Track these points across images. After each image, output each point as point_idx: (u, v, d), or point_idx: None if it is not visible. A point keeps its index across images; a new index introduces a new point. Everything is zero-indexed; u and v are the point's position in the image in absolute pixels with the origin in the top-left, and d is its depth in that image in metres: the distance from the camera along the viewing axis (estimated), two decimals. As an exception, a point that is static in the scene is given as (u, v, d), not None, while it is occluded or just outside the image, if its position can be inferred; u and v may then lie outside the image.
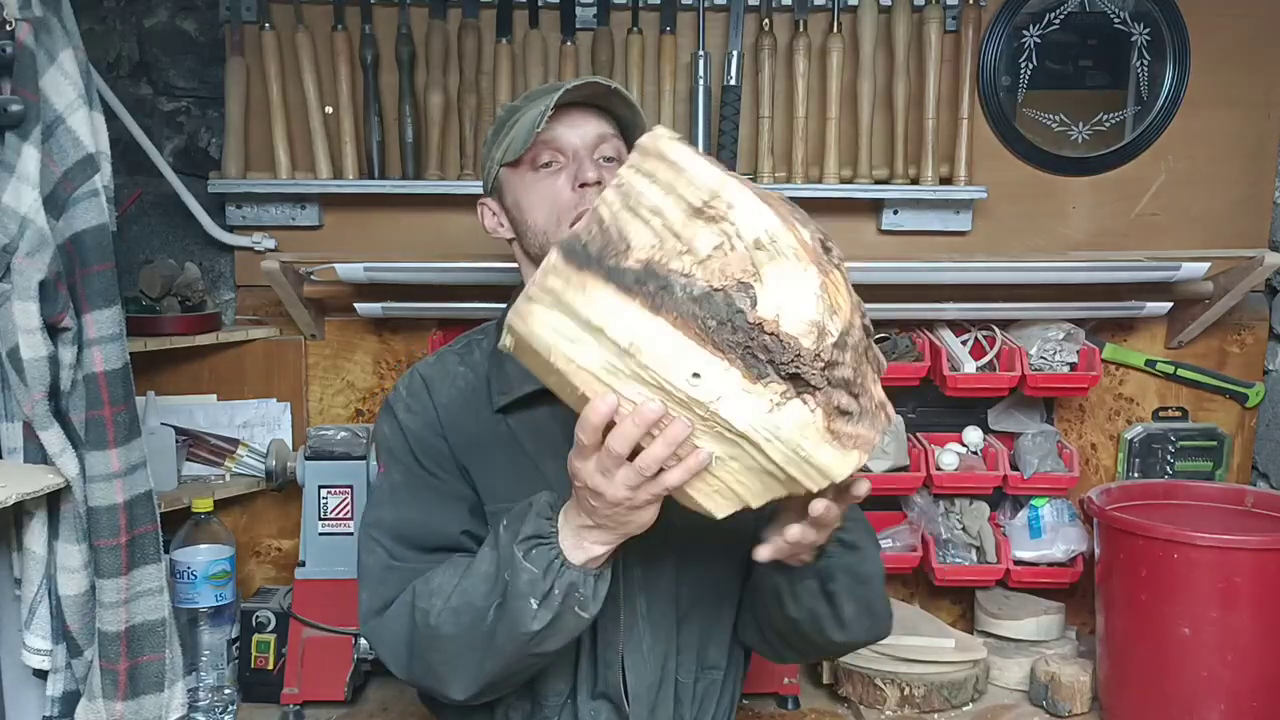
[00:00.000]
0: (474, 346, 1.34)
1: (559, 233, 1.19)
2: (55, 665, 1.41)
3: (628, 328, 0.88)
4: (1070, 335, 1.95)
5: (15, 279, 1.30)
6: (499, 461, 1.25)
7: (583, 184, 1.21)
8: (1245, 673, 1.62)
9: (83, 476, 1.37)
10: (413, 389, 1.31)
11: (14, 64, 1.28)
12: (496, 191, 1.30)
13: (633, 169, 0.90)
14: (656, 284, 0.87)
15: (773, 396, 0.87)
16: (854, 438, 0.90)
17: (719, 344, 0.87)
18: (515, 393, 1.24)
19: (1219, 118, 2.00)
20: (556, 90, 1.21)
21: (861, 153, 1.96)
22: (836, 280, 0.89)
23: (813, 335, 0.87)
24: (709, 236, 0.88)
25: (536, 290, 0.91)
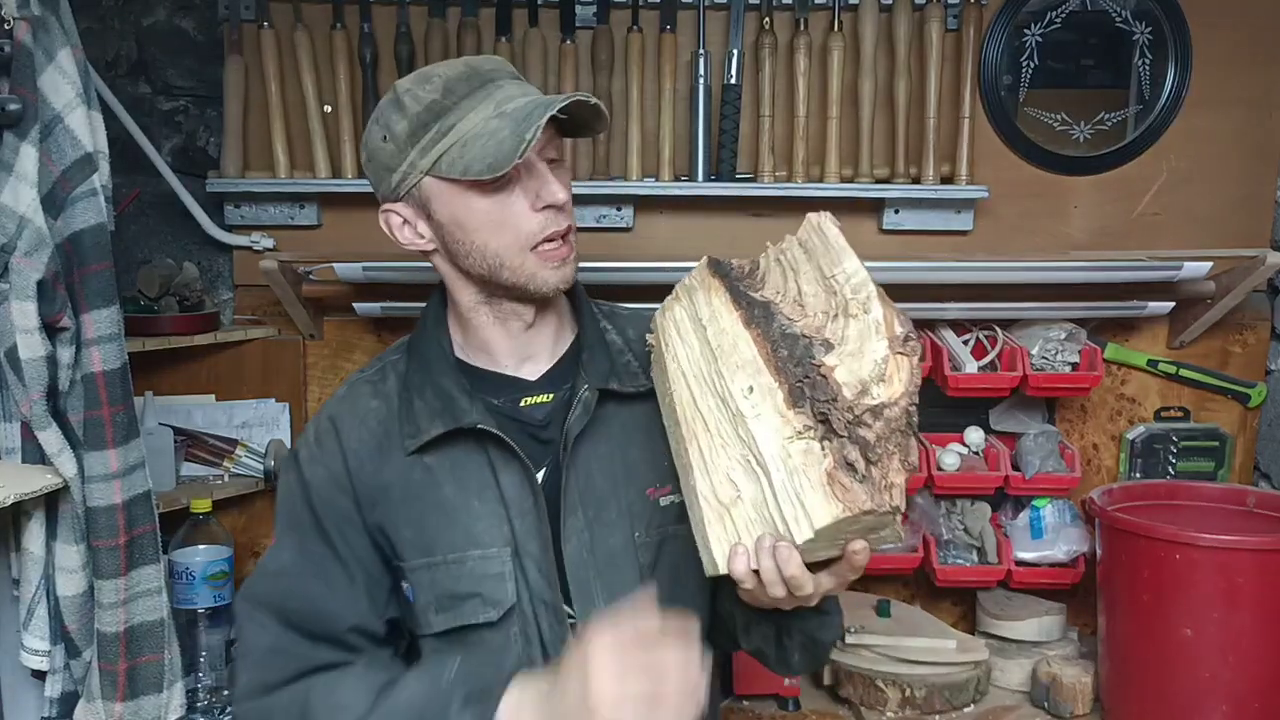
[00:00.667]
0: (388, 371, 1.20)
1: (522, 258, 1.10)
2: (54, 666, 1.41)
3: (723, 330, 1.01)
4: (1072, 335, 1.95)
5: (13, 278, 1.30)
6: (417, 510, 1.14)
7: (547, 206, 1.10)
8: (1247, 673, 1.61)
9: (81, 477, 1.37)
10: (320, 433, 1.18)
11: (12, 63, 1.28)
12: (413, 200, 1.12)
13: (796, 239, 1.06)
14: (762, 312, 1.01)
15: (798, 425, 0.95)
16: (847, 492, 0.92)
17: (780, 370, 0.97)
18: (424, 435, 1.13)
19: (1221, 117, 2.00)
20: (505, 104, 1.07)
21: (863, 152, 1.96)
22: (902, 364, 0.96)
23: (855, 389, 0.95)
24: (824, 302, 1.00)
25: (680, 288, 1.08)
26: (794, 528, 0.93)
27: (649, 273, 1.84)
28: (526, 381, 1.18)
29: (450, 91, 1.08)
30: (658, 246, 2.01)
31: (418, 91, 1.08)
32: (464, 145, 1.06)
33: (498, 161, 1.03)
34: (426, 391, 1.14)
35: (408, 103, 1.08)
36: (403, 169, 1.10)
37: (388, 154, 1.10)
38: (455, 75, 1.09)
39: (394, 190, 1.12)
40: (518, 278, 1.11)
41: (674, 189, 1.94)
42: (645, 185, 1.94)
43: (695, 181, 1.95)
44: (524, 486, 1.13)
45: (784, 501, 0.94)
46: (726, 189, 1.94)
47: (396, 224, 1.15)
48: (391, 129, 1.09)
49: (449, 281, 1.17)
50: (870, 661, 1.83)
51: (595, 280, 1.86)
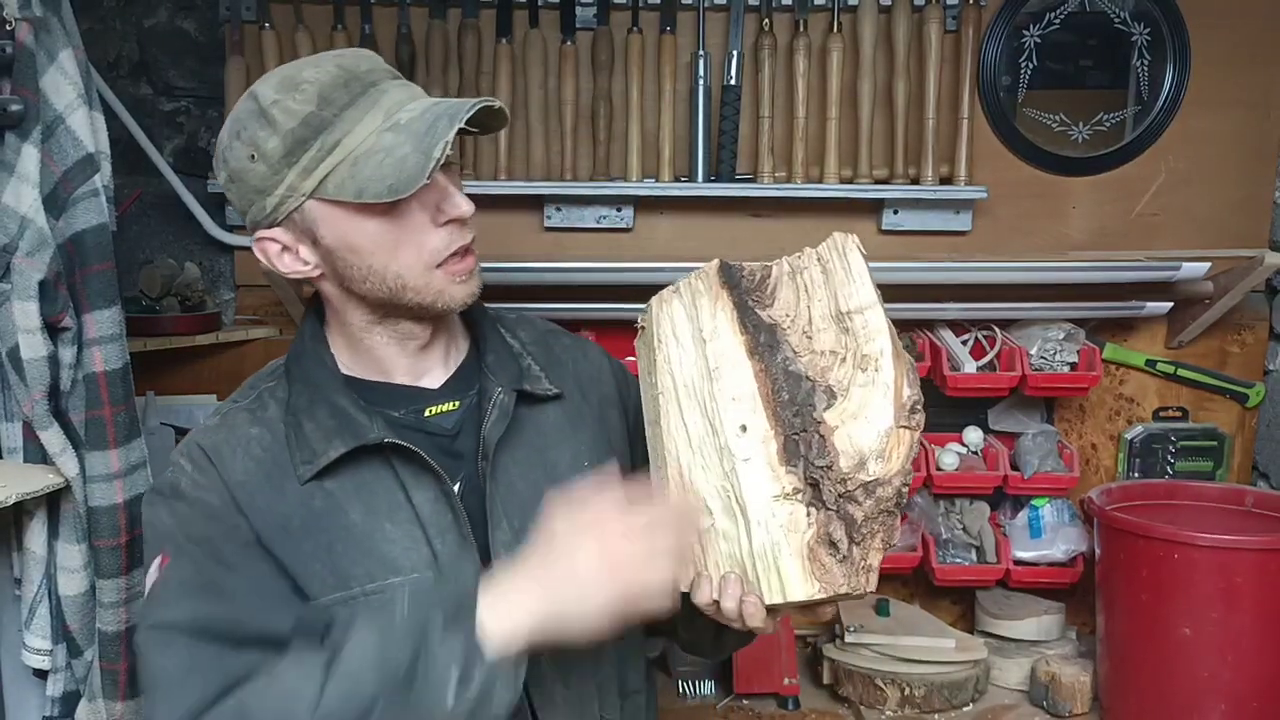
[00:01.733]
0: (266, 399, 1.07)
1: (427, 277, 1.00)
2: (55, 665, 1.41)
3: (723, 352, 0.95)
4: (1070, 335, 1.95)
5: (15, 279, 1.30)
6: (324, 541, 1.00)
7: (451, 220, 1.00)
8: (1246, 673, 1.62)
9: (83, 476, 1.37)
10: (196, 462, 1.02)
11: (14, 64, 1.28)
12: (294, 224, 1.00)
13: (817, 255, 0.97)
14: (768, 338, 0.95)
15: (786, 486, 0.92)
16: (826, 572, 0.91)
17: (778, 416, 0.92)
18: (322, 459, 1.00)
19: (1219, 118, 2.00)
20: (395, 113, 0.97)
21: (862, 153, 1.96)
22: (904, 438, 0.93)
23: (854, 460, 0.91)
24: (833, 340, 0.95)
25: (685, 284, 0.99)
26: (765, 587, 0.92)
27: (649, 273, 1.84)
28: (428, 390, 1.09)
29: (327, 101, 0.95)
30: (658, 247, 2.01)
31: (287, 103, 0.95)
32: (354, 164, 0.95)
33: (400, 183, 0.93)
34: (318, 411, 1.02)
35: (278, 116, 0.95)
36: (279, 192, 0.97)
37: (258, 176, 0.97)
38: (329, 81, 0.96)
39: (269, 215, 0.99)
40: (423, 298, 1.01)
41: (674, 189, 1.95)
42: (645, 186, 1.95)
43: (695, 182, 1.95)
44: (440, 502, 1.02)
45: (760, 558, 0.92)
46: (726, 189, 1.94)
47: (275, 252, 1.02)
48: (260, 147, 0.96)
49: (335, 304, 1.06)
50: (870, 660, 1.84)
51: (595, 280, 1.87)
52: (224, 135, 1.00)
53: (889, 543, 0.93)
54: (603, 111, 1.95)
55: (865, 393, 0.92)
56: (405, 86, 1.00)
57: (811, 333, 0.95)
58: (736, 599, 0.93)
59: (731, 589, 0.94)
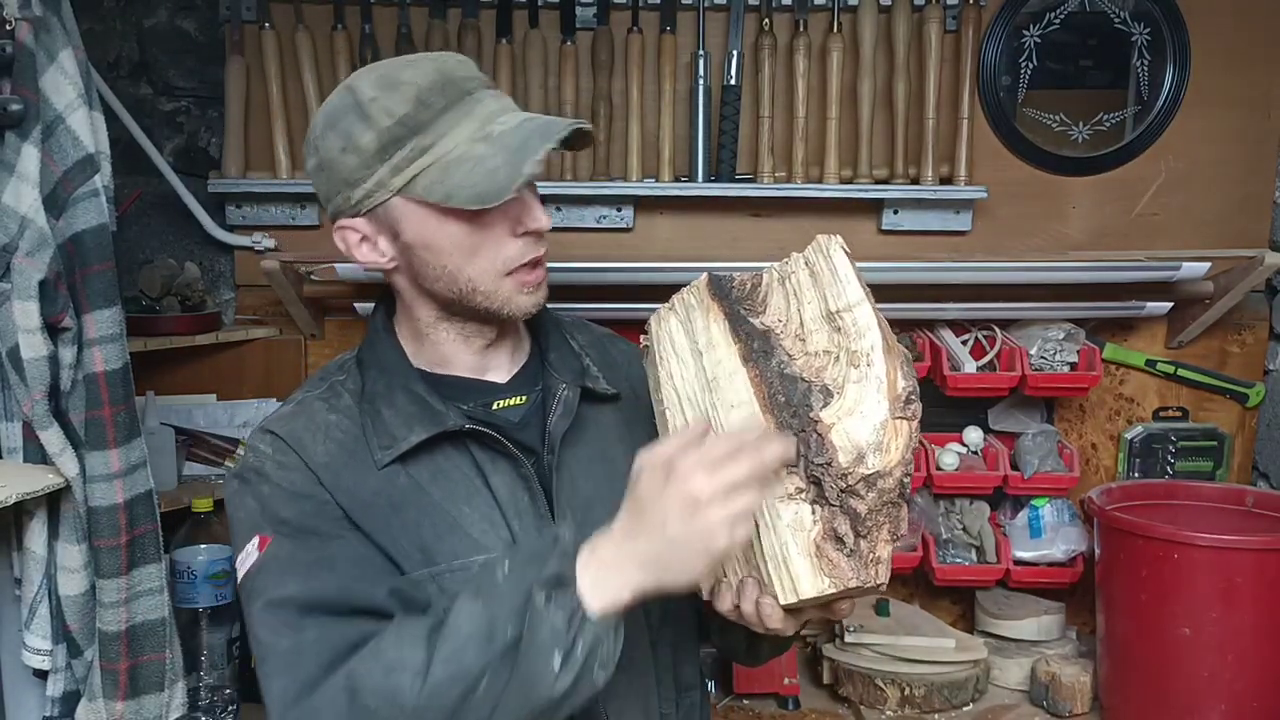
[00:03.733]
0: (339, 390, 1.10)
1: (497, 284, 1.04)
2: (55, 665, 1.41)
3: (719, 361, 0.97)
4: (1070, 335, 1.95)
5: (15, 279, 1.30)
6: (411, 518, 1.04)
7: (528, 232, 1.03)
8: (1246, 673, 1.62)
9: (83, 476, 1.37)
10: (276, 448, 1.05)
11: (14, 63, 1.28)
12: (377, 218, 1.03)
13: (804, 258, 1.00)
14: (761, 345, 0.97)
15: (789, 487, 0.93)
16: (834, 567, 0.92)
17: (777, 419, 0.94)
18: (403, 443, 1.04)
19: (1219, 117, 2.00)
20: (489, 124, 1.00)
21: (862, 153, 1.96)
22: (901, 429, 0.94)
23: (851, 455, 0.92)
24: (826, 340, 0.96)
25: (678, 300, 1.03)
26: (778, 587, 0.94)
27: (649, 273, 1.85)
28: (496, 385, 1.12)
29: (424, 104, 0.98)
30: (658, 247, 2.02)
31: (386, 101, 0.98)
32: (445, 168, 0.98)
33: (488, 193, 0.96)
34: (396, 399, 1.07)
35: (375, 113, 0.98)
36: (367, 186, 1.01)
37: (349, 167, 1.01)
38: (427, 84, 0.99)
39: (354, 205, 1.03)
40: (491, 303, 1.05)
41: (674, 189, 1.95)
42: (645, 186, 1.95)
43: (695, 182, 1.95)
44: (517, 485, 1.07)
45: (769, 559, 0.94)
46: (726, 189, 1.94)
47: (354, 241, 1.06)
48: (354, 140, 0.99)
49: (406, 298, 1.10)
50: (870, 660, 1.84)
51: (595, 280, 1.87)
52: (317, 124, 1.03)
53: (896, 534, 0.95)
54: (603, 111, 1.95)
55: (859, 389, 0.93)
56: (498, 97, 1.04)
57: (804, 335, 0.97)
58: (753, 601, 0.95)
59: (749, 592, 0.96)
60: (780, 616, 0.95)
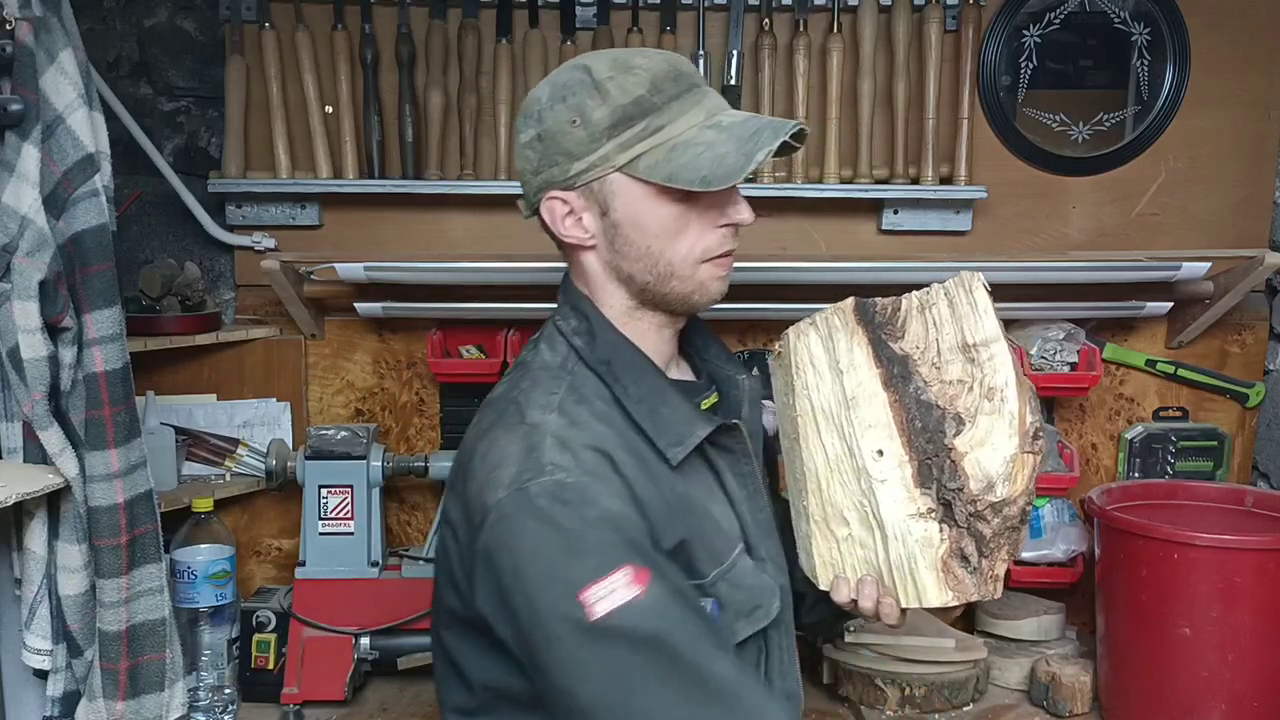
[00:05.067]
0: (584, 391, 1.06)
1: (694, 269, 1.07)
2: (55, 665, 1.41)
3: (860, 383, 1.05)
4: (1070, 335, 1.95)
5: (15, 279, 1.30)
6: (696, 521, 1.06)
7: (731, 223, 1.08)
8: (1246, 673, 1.62)
9: (83, 476, 1.37)
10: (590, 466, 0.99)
11: (14, 63, 1.28)
12: (591, 192, 1.05)
13: (944, 290, 1.06)
14: (900, 370, 1.04)
15: (920, 507, 1.02)
16: (959, 582, 1.02)
17: (912, 442, 1.02)
18: (690, 441, 1.06)
19: (1219, 117, 2.00)
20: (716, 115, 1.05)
21: (862, 152, 1.96)
22: (1027, 463, 1.01)
23: (982, 484, 1.00)
24: (960, 370, 1.04)
25: (821, 319, 1.08)
26: (901, 593, 1.05)
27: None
28: (695, 383, 1.18)
29: (658, 89, 1.03)
30: (658, 247, 2.01)
31: (622, 80, 1.02)
32: (671, 150, 1.02)
33: (714, 176, 0.99)
34: (669, 397, 1.08)
35: (612, 90, 1.01)
36: (591, 159, 1.03)
37: (575, 140, 1.03)
38: (662, 72, 1.03)
39: (570, 178, 1.05)
40: (685, 287, 1.08)
41: (674, 189, 1.94)
42: (645, 186, 1.94)
43: (695, 182, 1.95)
44: (740, 479, 1.14)
45: (896, 568, 1.04)
46: (726, 189, 1.94)
47: (561, 213, 1.07)
48: (587, 114, 1.02)
49: (595, 283, 1.10)
50: (869, 660, 1.83)
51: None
52: (541, 96, 1.06)
53: (1015, 553, 1.04)
54: (603, 111, 1.95)
55: (991, 421, 1.01)
56: (719, 96, 1.09)
57: (940, 364, 1.04)
58: (873, 600, 1.07)
59: (868, 590, 1.07)
60: (899, 615, 1.07)
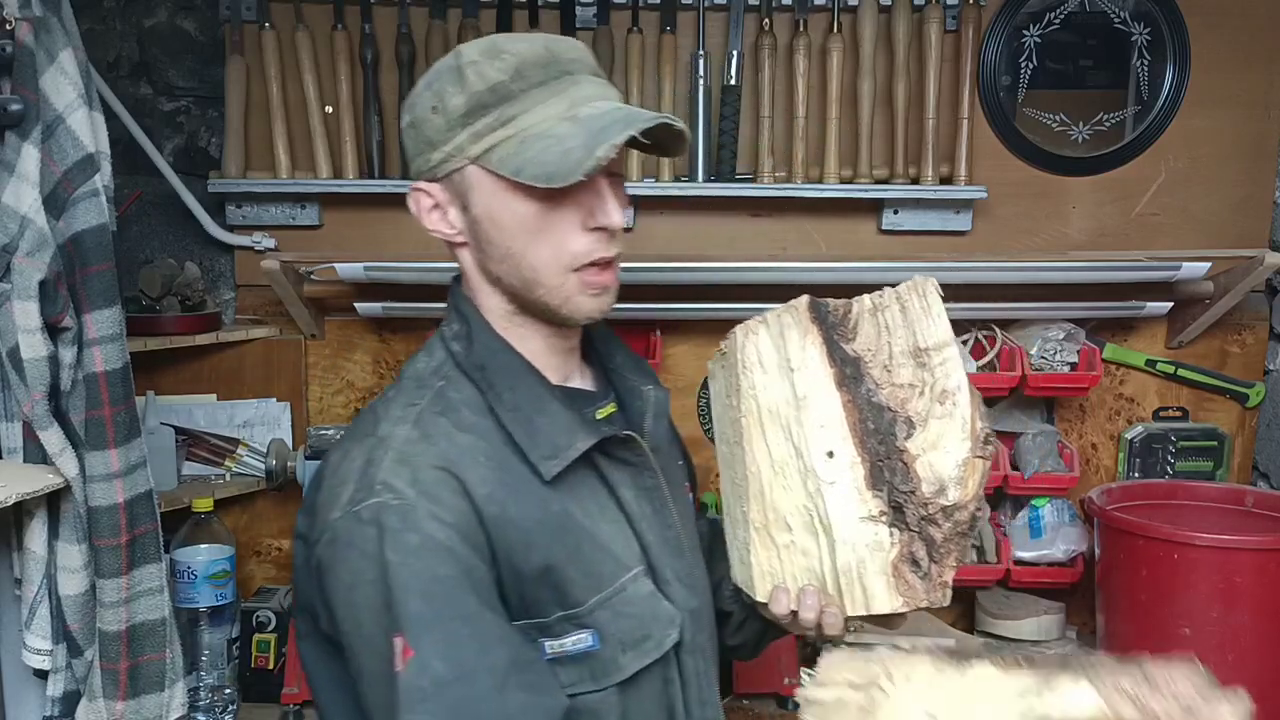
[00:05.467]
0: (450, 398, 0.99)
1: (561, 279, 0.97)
2: (56, 665, 1.41)
3: (812, 382, 1.02)
4: (1071, 335, 1.95)
5: (15, 279, 1.30)
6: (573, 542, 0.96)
7: (600, 228, 0.97)
8: (1246, 672, 1.61)
9: (83, 476, 1.37)
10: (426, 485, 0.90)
11: (14, 63, 1.28)
12: (451, 184, 0.99)
13: (897, 294, 1.05)
14: (853, 371, 1.02)
15: (872, 509, 1.00)
16: (909, 587, 1.00)
17: (864, 444, 1.00)
18: (568, 454, 0.96)
19: (1219, 118, 2.00)
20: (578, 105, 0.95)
21: (862, 153, 1.96)
22: (978, 467, 1.00)
23: (935, 486, 0.99)
24: (911, 374, 1.02)
25: (773, 317, 1.06)
26: (848, 600, 1.01)
27: (649, 273, 1.85)
28: (591, 393, 1.08)
29: (521, 75, 0.94)
30: (658, 246, 2.01)
31: (484, 67, 0.94)
32: (522, 142, 0.93)
33: (559, 172, 0.91)
34: (548, 406, 0.99)
35: (470, 77, 0.94)
36: (447, 149, 0.96)
37: (434, 128, 0.97)
38: (531, 58, 0.95)
39: (431, 168, 0.99)
40: (552, 298, 0.98)
41: (674, 189, 1.95)
42: (645, 185, 1.95)
43: (695, 182, 1.95)
44: (641, 495, 1.04)
45: (843, 574, 1.01)
46: (726, 189, 1.94)
47: (426, 206, 1.01)
48: (445, 101, 0.95)
49: (473, 284, 1.03)
50: (869, 660, 1.83)
51: (595, 280, 1.87)
52: (419, 82, 1.00)
53: (961, 561, 1.02)
54: (603, 111, 1.95)
55: (943, 424, 1.00)
56: (600, 83, 0.99)
57: (891, 367, 1.03)
58: (816, 610, 1.01)
59: (810, 600, 1.01)
60: (842, 625, 1.02)
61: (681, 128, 0.97)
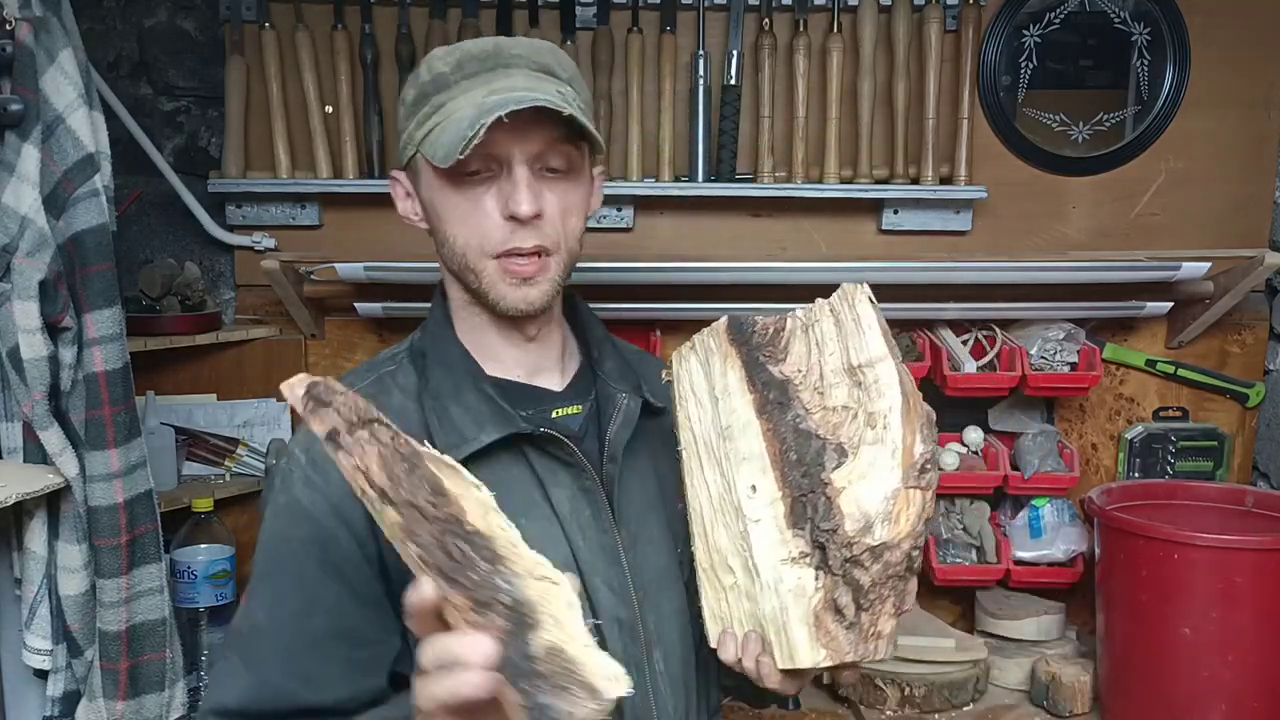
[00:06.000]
0: (389, 384, 1.05)
1: (483, 263, 1.01)
2: (56, 665, 1.41)
3: (734, 411, 0.93)
4: (1071, 335, 1.95)
5: (15, 279, 1.30)
6: None
7: (512, 216, 0.99)
8: (1246, 673, 1.62)
9: (83, 476, 1.37)
10: (315, 455, 0.97)
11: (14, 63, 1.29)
12: (411, 172, 1.06)
13: (829, 306, 0.94)
14: (778, 396, 0.92)
15: (793, 550, 0.90)
16: (832, 640, 0.89)
17: (786, 477, 0.90)
18: (470, 445, 0.98)
19: (1219, 117, 2.00)
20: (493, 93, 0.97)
21: (862, 152, 1.96)
22: (913, 499, 0.89)
23: (859, 524, 0.88)
24: (846, 394, 0.91)
25: (699, 340, 0.98)
26: (777, 651, 0.92)
27: (649, 273, 1.85)
28: (553, 392, 1.09)
29: (460, 67, 0.99)
30: (658, 247, 2.01)
31: (434, 62, 1.01)
32: (442, 129, 0.98)
33: (449, 152, 0.94)
34: (465, 396, 1.02)
35: (422, 72, 1.01)
36: (404, 137, 1.04)
37: (400, 119, 1.05)
38: (476, 52, 1.00)
39: (401, 157, 1.07)
40: (480, 283, 1.02)
41: (674, 189, 1.95)
42: (645, 186, 1.95)
43: (695, 182, 1.95)
44: (579, 498, 1.02)
45: (770, 621, 0.91)
46: (726, 189, 1.94)
47: (400, 193, 1.09)
48: (405, 95, 1.03)
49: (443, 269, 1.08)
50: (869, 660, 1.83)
51: (595, 280, 1.87)
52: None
53: (901, 608, 0.91)
54: (603, 111, 1.95)
55: (874, 451, 0.89)
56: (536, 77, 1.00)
57: (824, 388, 0.92)
58: (754, 656, 0.94)
59: (751, 647, 0.94)
60: (779, 678, 0.93)
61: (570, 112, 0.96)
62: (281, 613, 0.96)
